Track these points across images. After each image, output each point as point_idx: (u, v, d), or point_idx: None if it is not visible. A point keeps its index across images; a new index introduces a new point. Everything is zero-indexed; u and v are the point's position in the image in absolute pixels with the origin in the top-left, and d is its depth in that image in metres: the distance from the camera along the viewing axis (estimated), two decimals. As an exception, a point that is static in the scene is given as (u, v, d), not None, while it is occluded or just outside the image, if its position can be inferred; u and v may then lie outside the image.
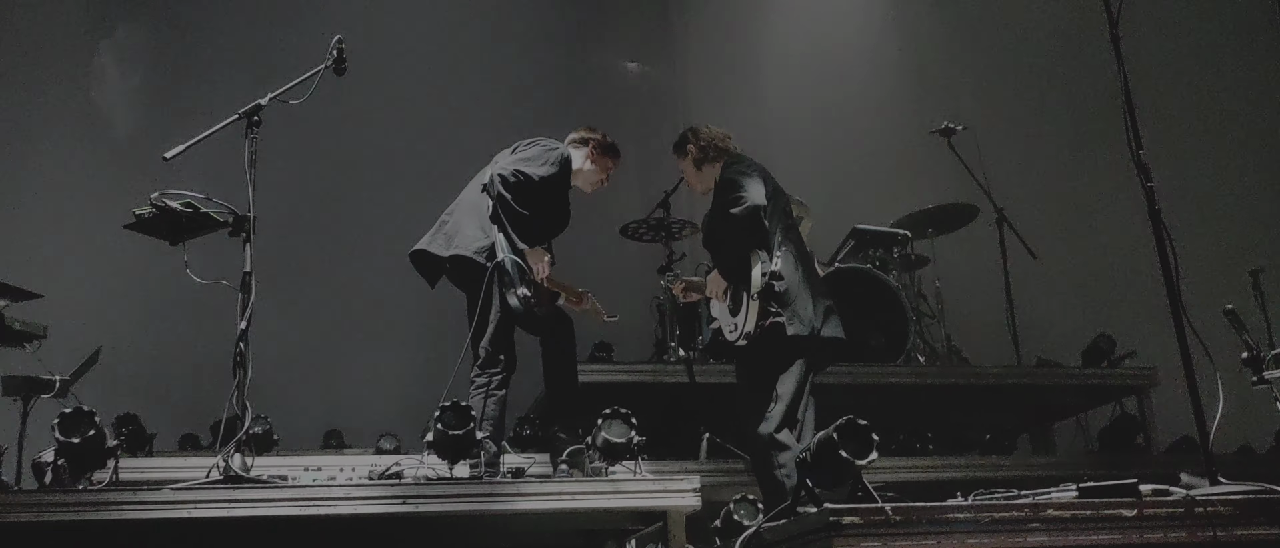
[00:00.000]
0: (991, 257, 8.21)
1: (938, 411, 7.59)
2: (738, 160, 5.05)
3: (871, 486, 3.44)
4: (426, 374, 8.53)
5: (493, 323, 5.09)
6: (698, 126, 5.33)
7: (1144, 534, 3.23)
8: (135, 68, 9.18)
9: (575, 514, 4.18)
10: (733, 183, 4.89)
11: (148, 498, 3.79)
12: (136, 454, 6.09)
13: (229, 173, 4.60)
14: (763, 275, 4.71)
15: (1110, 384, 7.29)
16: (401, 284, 8.48)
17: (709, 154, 5.16)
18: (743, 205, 4.75)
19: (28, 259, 7.93)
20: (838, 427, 3.46)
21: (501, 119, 9.73)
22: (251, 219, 4.36)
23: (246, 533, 4.08)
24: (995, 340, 8.32)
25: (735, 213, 4.74)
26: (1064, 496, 3.51)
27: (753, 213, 4.75)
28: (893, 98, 10.55)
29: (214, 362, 7.09)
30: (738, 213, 4.74)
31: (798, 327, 4.74)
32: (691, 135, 5.26)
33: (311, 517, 3.90)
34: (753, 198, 4.76)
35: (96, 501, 3.73)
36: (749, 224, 4.75)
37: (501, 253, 5.01)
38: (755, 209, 4.75)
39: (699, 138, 5.22)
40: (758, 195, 4.79)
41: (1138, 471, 4.28)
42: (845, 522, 3.06)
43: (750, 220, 4.75)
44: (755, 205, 4.75)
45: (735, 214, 4.74)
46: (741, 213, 4.73)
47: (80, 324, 7.65)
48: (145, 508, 3.75)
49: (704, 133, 5.24)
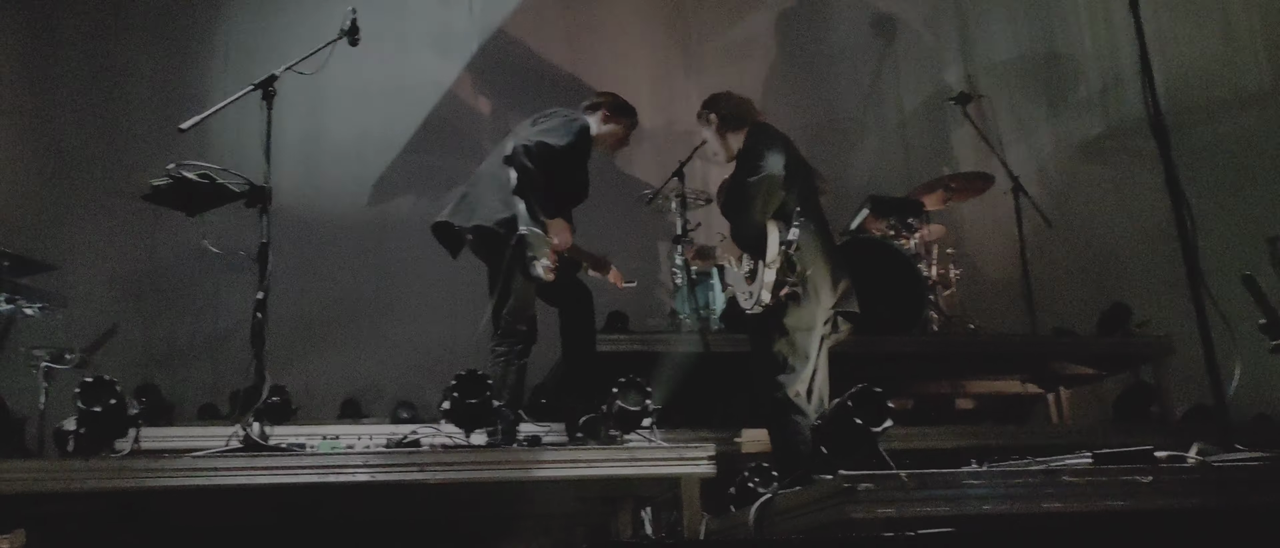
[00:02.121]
0: (1007, 225, 8.18)
1: (954, 379, 7.60)
2: (761, 130, 5.04)
3: (886, 453, 3.46)
4: (445, 344, 8.60)
5: (514, 294, 5.12)
6: (719, 94, 5.32)
7: (1159, 501, 3.23)
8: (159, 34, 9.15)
9: (590, 482, 4.20)
10: (753, 151, 4.89)
11: (168, 466, 3.82)
12: (156, 424, 6.14)
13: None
14: (779, 245, 4.70)
15: (1125, 353, 7.27)
16: (422, 254, 8.55)
17: (731, 122, 5.15)
18: (760, 174, 4.75)
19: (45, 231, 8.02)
20: (852, 395, 3.48)
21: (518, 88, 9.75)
22: (268, 190, 4.36)
23: (265, 500, 4.12)
24: (1010, 309, 8.30)
25: (752, 181, 4.74)
26: (1079, 462, 3.52)
27: (770, 182, 4.74)
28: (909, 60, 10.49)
29: (233, 332, 7.18)
30: (754, 182, 4.74)
31: (812, 298, 4.75)
32: (713, 103, 5.26)
33: (328, 484, 3.93)
34: (770, 168, 4.76)
35: (118, 468, 3.77)
36: (766, 193, 4.74)
37: (523, 224, 5.02)
38: (773, 178, 4.74)
39: (720, 106, 5.21)
40: (776, 166, 4.78)
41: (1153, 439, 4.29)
42: (860, 489, 3.07)
43: (768, 189, 4.74)
44: (772, 175, 4.75)
45: (752, 183, 4.74)
46: (758, 182, 4.73)
47: (98, 296, 7.74)
48: (166, 475, 3.78)
49: (726, 100, 5.24)
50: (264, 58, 7.28)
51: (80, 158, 8.57)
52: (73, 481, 3.69)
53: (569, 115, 5.46)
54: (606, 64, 10.02)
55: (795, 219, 4.80)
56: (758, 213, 4.71)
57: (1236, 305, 4.09)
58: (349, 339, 8.53)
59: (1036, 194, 8.12)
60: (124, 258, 8.31)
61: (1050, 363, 7.40)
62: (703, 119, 5.29)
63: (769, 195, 4.73)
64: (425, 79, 9.60)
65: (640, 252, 9.24)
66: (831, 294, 4.86)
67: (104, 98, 8.77)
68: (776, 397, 4.76)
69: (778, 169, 4.77)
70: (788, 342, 4.77)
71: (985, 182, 8.29)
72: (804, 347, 4.77)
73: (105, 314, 6.87)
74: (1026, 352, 7.26)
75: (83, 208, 8.39)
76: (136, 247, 8.29)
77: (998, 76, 10.14)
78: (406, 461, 4.02)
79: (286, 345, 7.24)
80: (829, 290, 4.84)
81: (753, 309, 4.83)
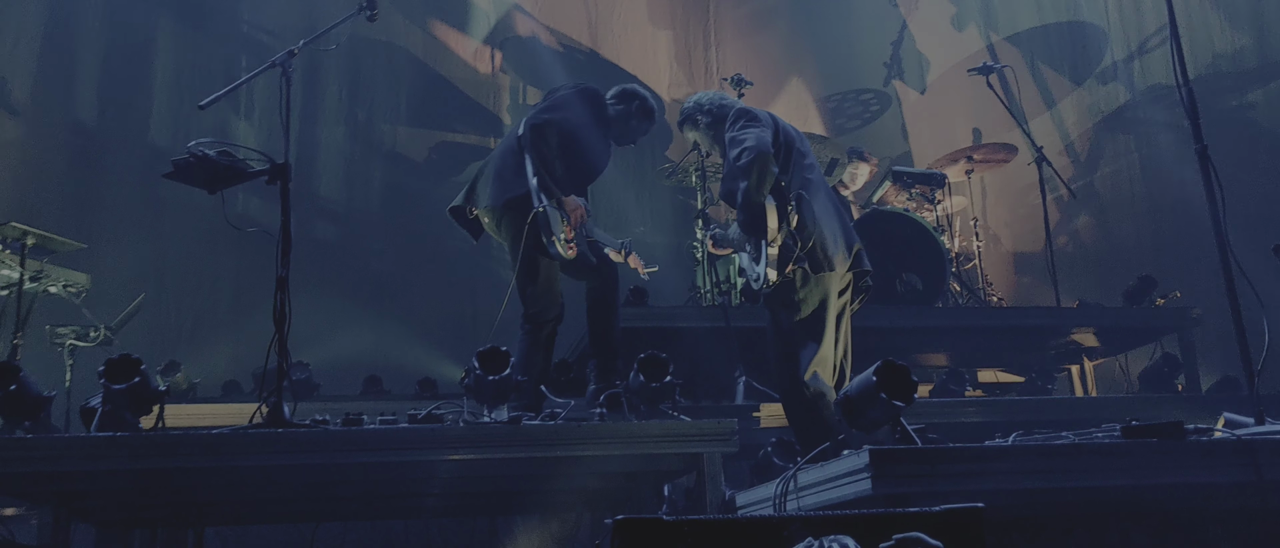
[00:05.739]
0: (1030, 196, 8.12)
1: (977, 352, 7.56)
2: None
3: (910, 427, 3.44)
4: (468, 321, 8.63)
5: (534, 271, 5.12)
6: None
7: (1188, 475, 3.20)
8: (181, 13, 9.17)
9: (611, 458, 4.20)
10: (736, 139, 4.84)
11: (191, 441, 3.84)
12: (181, 401, 6.19)
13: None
14: (777, 222, 4.67)
15: (1151, 325, 7.21)
16: (443, 231, 8.57)
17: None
18: (750, 154, 4.69)
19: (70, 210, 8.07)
20: (877, 370, 3.45)
21: (537, 63, 9.72)
22: (288, 167, 4.35)
23: (286, 476, 4.14)
24: (1034, 281, 8.25)
25: (743, 164, 4.68)
26: (1107, 436, 3.48)
27: (762, 159, 4.67)
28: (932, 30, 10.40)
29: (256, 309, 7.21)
30: (746, 163, 4.68)
31: (824, 267, 4.71)
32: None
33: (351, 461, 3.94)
34: (758, 145, 4.70)
35: (142, 444, 3.79)
36: (760, 171, 4.67)
37: (538, 203, 5.01)
38: (764, 155, 4.67)
39: (703, 107, 5.18)
40: (764, 142, 4.72)
41: (1179, 411, 4.25)
42: (885, 464, 3.05)
43: (760, 167, 4.67)
44: (762, 152, 4.68)
45: (743, 165, 4.68)
46: (750, 162, 4.67)
47: (122, 274, 7.78)
48: (188, 451, 3.80)
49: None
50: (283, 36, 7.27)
51: (104, 138, 8.61)
52: (96, 457, 3.71)
53: (582, 90, 5.44)
54: (626, 37, 9.98)
55: (791, 192, 4.75)
56: (754, 192, 4.66)
57: (1265, 277, 4.05)
58: (373, 316, 8.56)
59: (1060, 165, 8.03)
60: (147, 236, 8.35)
61: (1073, 335, 7.34)
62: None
63: (763, 172, 4.68)
64: (444, 54, 9.58)
65: (660, 226, 9.23)
66: (844, 260, 4.81)
67: (127, 77, 8.79)
68: (793, 376, 4.73)
69: (766, 146, 4.71)
70: (800, 319, 4.74)
71: (1008, 153, 8.22)
72: (818, 322, 4.73)
73: (130, 292, 6.90)
74: (1051, 323, 7.21)
75: (107, 187, 8.44)
76: (160, 225, 8.34)
77: (1021, 46, 10.05)
78: (427, 438, 4.01)
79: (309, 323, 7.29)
80: (841, 257, 4.79)
81: (761, 288, 4.80)
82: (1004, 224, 9.59)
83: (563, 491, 4.86)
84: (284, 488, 4.47)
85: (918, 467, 3.10)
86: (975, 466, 3.13)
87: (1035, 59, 10.00)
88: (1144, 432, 3.31)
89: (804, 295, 4.71)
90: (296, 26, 8.39)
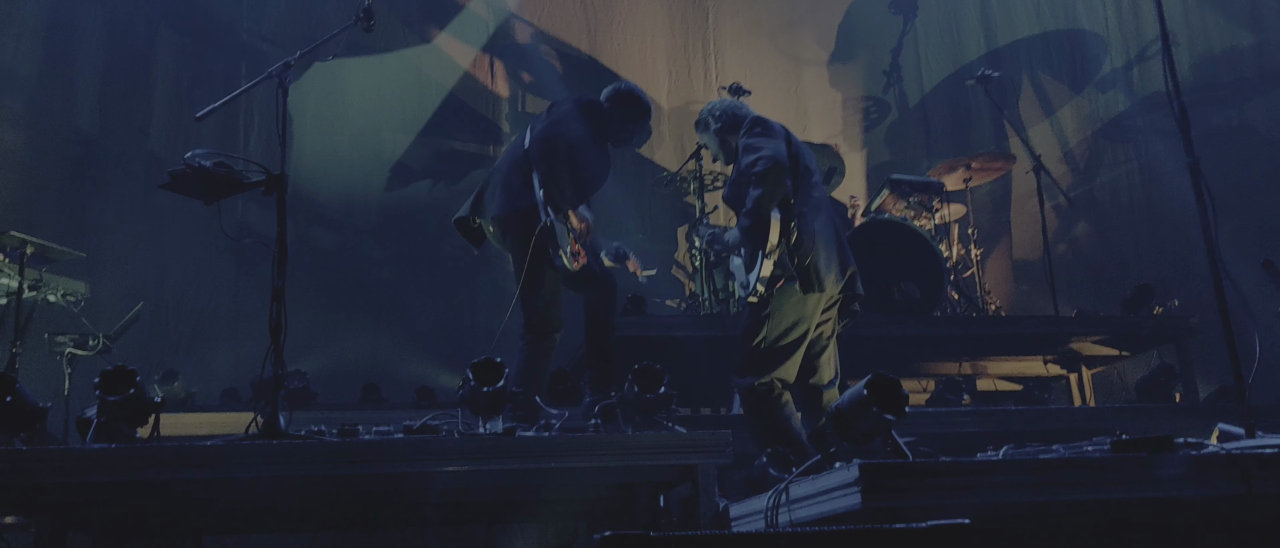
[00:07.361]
0: (1028, 204, 8.12)
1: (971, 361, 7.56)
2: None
3: (901, 440, 3.44)
4: (467, 331, 8.64)
5: (539, 283, 5.14)
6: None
7: (1177, 489, 3.20)
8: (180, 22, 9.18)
9: (607, 469, 4.20)
10: (751, 146, 4.89)
11: (186, 453, 3.84)
12: (177, 410, 6.20)
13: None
14: (778, 235, 4.72)
15: (1148, 333, 7.21)
16: (441, 240, 8.58)
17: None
18: (766, 163, 4.73)
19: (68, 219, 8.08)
20: (868, 382, 3.45)
21: (536, 71, 9.73)
22: (284, 178, 4.37)
23: (282, 487, 4.15)
24: (1032, 290, 8.24)
25: (758, 171, 4.73)
26: (1097, 450, 3.49)
27: (776, 170, 4.72)
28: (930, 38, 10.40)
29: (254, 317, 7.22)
30: (761, 170, 4.72)
31: (814, 286, 4.78)
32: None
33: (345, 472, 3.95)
34: (775, 156, 4.75)
35: (137, 456, 3.79)
36: (773, 181, 4.72)
37: (545, 215, 5.04)
38: (779, 166, 4.73)
39: (716, 112, 5.23)
40: (779, 153, 4.78)
41: (1175, 421, 4.25)
42: (875, 478, 3.05)
43: (774, 177, 4.72)
44: (778, 163, 4.74)
45: (758, 173, 4.73)
46: (765, 171, 4.71)
47: (120, 284, 7.80)
48: (182, 463, 3.81)
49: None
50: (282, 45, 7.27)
51: (103, 147, 8.62)
52: (92, 468, 3.72)
53: (584, 103, 5.48)
54: (625, 45, 9.99)
55: (796, 210, 4.81)
56: (764, 202, 4.70)
57: (1259, 288, 4.06)
58: (372, 326, 8.57)
59: (1059, 173, 8.04)
60: (146, 245, 8.36)
61: (1072, 343, 7.34)
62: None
63: (775, 183, 4.72)
64: (443, 62, 9.59)
65: (658, 234, 9.24)
66: (836, 283, 4.87)
67: (127, 86, 8.80)
68: (751, 383, 4.83)
69: (783, 156, 4.77)
70: (774, 331, 4.81)
71: (1006, 161, 8.23)
72: (790, 337, 4.82)
73: (128, 301, 6.92)
74: (1048, 332, 7.21)
75: (106, 196, 8.45)
76: (159, 233, 8.34)
77: (1020, 54, 10.06)
78: (423, 448, 4.02)
79: (307, 331, 7.30)
80: (833, 279, 4.85)
81: (749, 296, 4.87)
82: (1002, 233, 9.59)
83: (559, 501, 4.87)
84: (280, 498, 4.48)
85: (908, 481, 3.10)
86: (965, 479, 3.13)
87: (1034, 67, 10.01)
88: (1133, 446, 3.31)
89: (786, 310, 4.79)
90: (296, 36, 8.42)
